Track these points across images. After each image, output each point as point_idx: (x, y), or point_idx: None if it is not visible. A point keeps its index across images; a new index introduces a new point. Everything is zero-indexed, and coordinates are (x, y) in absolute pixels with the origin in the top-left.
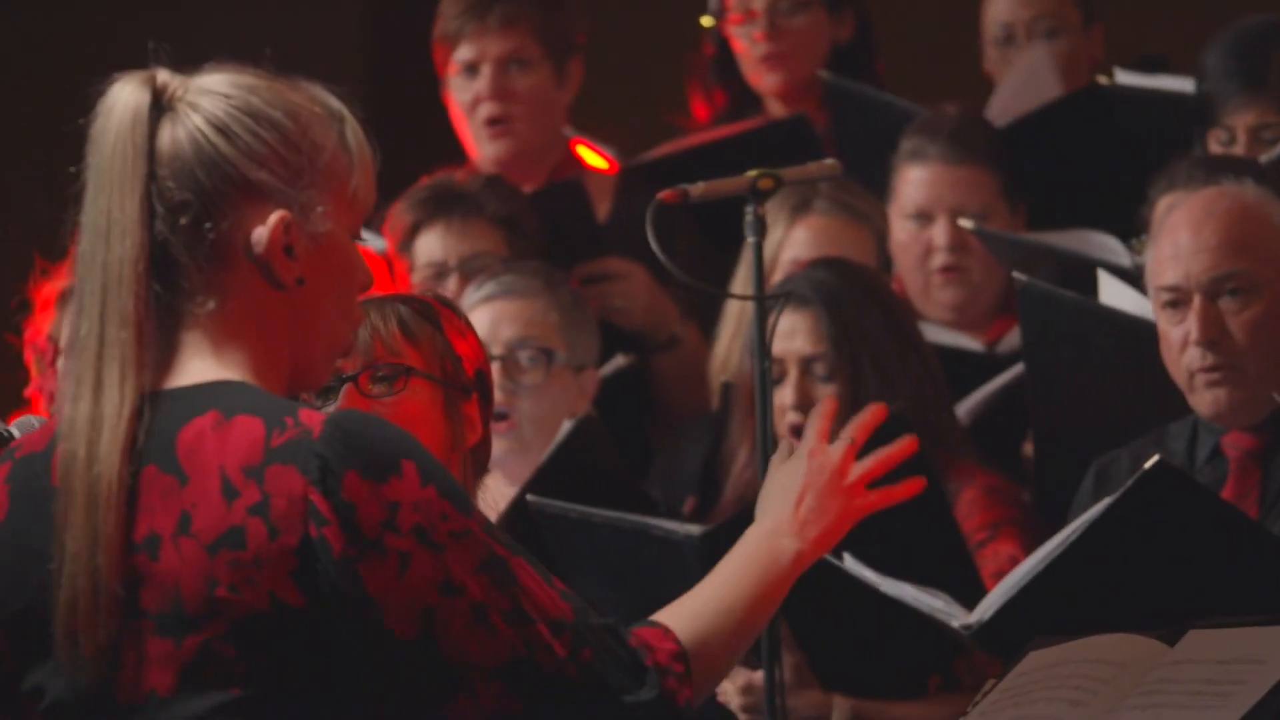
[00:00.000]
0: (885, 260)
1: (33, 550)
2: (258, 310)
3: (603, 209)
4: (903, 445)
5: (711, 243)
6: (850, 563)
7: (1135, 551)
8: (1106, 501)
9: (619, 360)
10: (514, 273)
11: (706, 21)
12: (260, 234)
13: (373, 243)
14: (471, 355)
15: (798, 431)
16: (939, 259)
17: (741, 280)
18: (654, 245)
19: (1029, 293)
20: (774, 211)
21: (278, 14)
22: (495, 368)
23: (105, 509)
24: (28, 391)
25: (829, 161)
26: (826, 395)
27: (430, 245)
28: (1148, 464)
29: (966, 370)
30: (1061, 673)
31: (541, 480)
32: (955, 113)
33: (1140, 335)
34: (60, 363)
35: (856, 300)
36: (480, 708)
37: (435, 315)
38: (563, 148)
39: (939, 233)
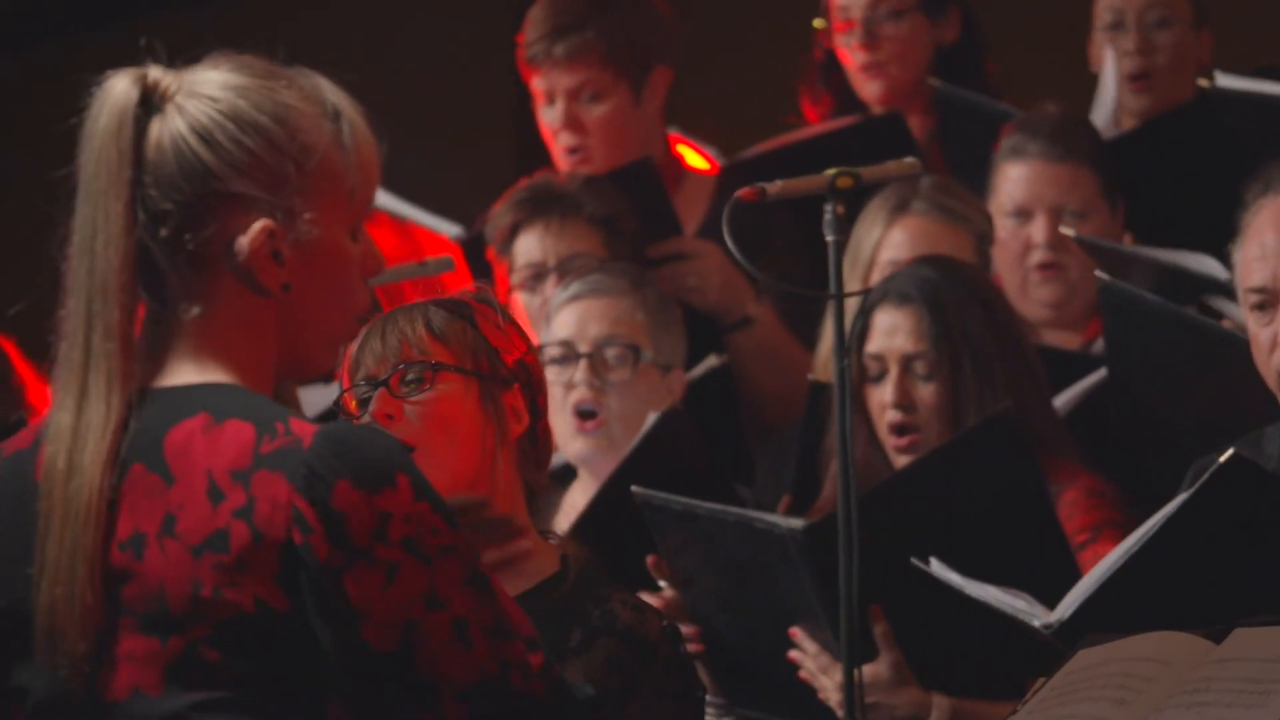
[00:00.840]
0: (986, 262)
1: (17, 549)
2: (244, 316)
3: (702, 207)
4: None
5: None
6: (936, 566)
7: (1213, 546)
8: (1183, 496)
9: (711, 361)
10: (601, 272)
11: (818, 24)
12: (241, 244)
13: (446, 229)
14: (510, 346)
15: (898, 430)
16: (1037, 256)
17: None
18: (730, 244)
19: (1109, 292)
20: (873, 211)
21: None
22: (582, 365)
23: (84, 521)
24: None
25: (909, 160)
26: (928, 393)
27: (529, 246)
28: (1223, 458)
29: (1065, 369)
30: (1107, 671)
31: (626, 473)
32: (1056, 111)
33: (1222, 340)
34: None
35: (959, 298)
36: None
37: (469, 311)
38: (661, 150)
39: (1038, 230)
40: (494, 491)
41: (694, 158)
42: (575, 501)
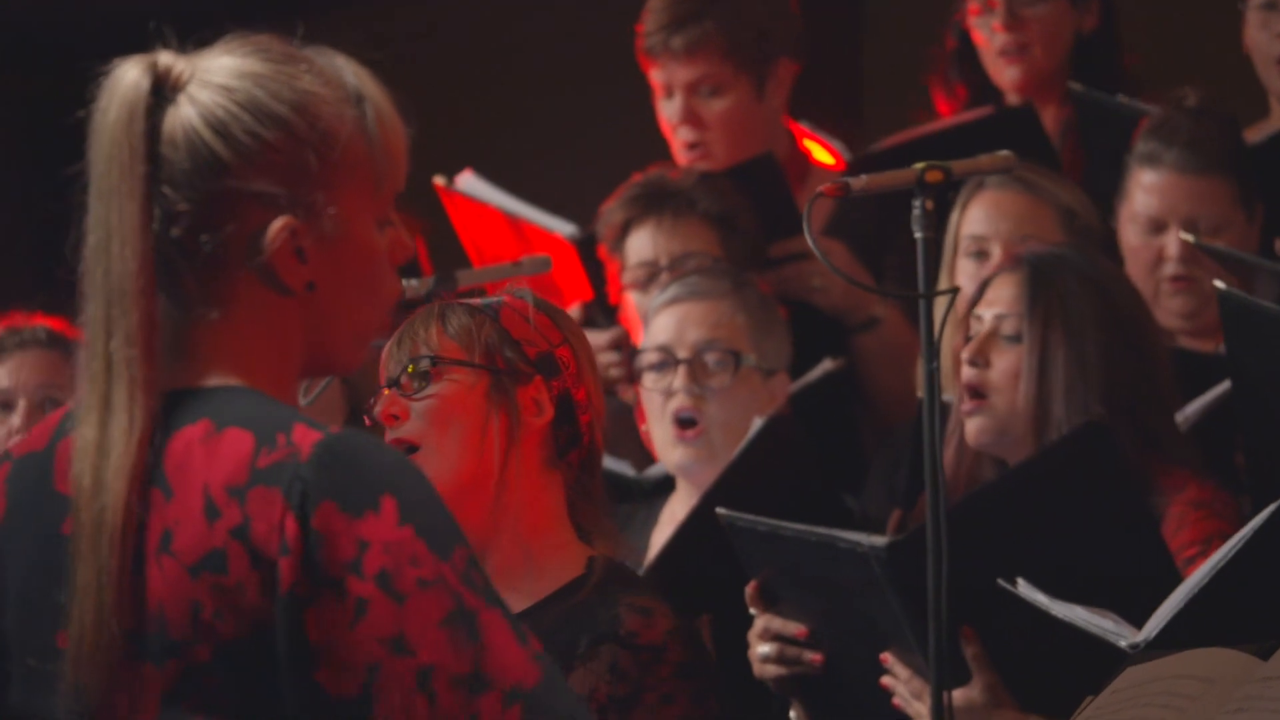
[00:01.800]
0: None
1: (32, 559)
2: (266, 317)
3: (827, 204)
4: None
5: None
6: (1024, 587)
7: None
8: (1269, 510)
9: (826, 364)
10: (700, 274)
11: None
12: (261, 241)
13: (560, 228)
14: (536, 339)
15: (969, 391)
16: (1169, 268)
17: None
18: (809, 239)
19: (1227, 302)
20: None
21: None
22: (681, 371)
23: (110, 542)
24: None
25: (1003, 153)
26: (1008, 357)
27: (641, 244)
28: None
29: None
30: (1152, 689)
31: (728, 483)
32: (1194, 108)
33: None
34: None
35: (1067, 275)
36: None
37: (493, 307)
38: (785, 146)
39: (1171, 242)
40: (504, 484)
41: (821, 153)
42: (675, 512)
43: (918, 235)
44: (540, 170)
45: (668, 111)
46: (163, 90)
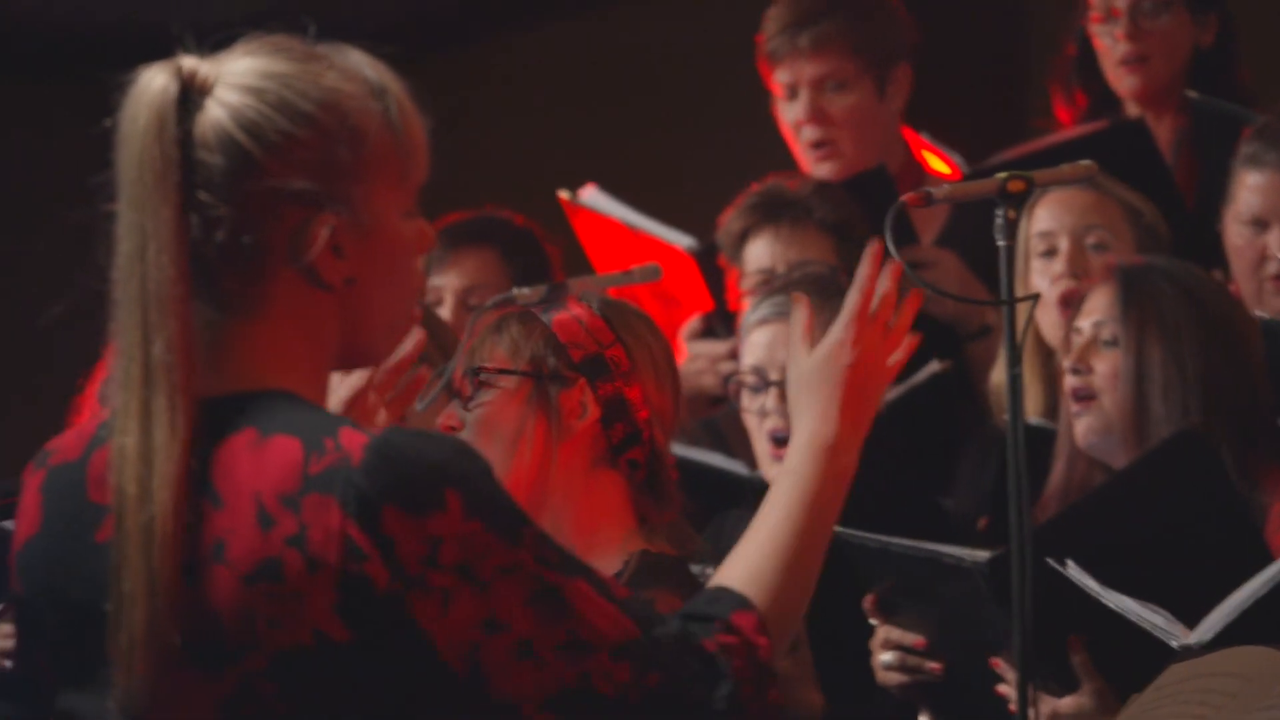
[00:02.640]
0: (1154, 243)
1: (66, 568)
2: (304, 316)
3: (941, 215)
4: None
5: None
6: (1074, 570)
7: None
8: None
9: (933, 366)
10: (785, 292)
11: None
12: (301, 240)
13: (678, 239)
14: (585, 341)
15: (1074, 394)
16: (1273, 267)
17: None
18: (890, 247)
19: None
20: None
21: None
22: (773, 393)
23: (161, 550)
24: None
25: (1085, 163)
26: (1108, 360)
27: (759, 252)
28: None
29: None
30: (1191, 687)
31: None
32: None
33: None
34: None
35: (1159, 279)
36: None
37: (549, 312)
38: (900, 154)
39: (1274, 240)
40: (545, 486)
41: (937, 163)
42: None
43: (1000, 243)
44: (661, 184)
45: (791, 113)
46: (190, 94)
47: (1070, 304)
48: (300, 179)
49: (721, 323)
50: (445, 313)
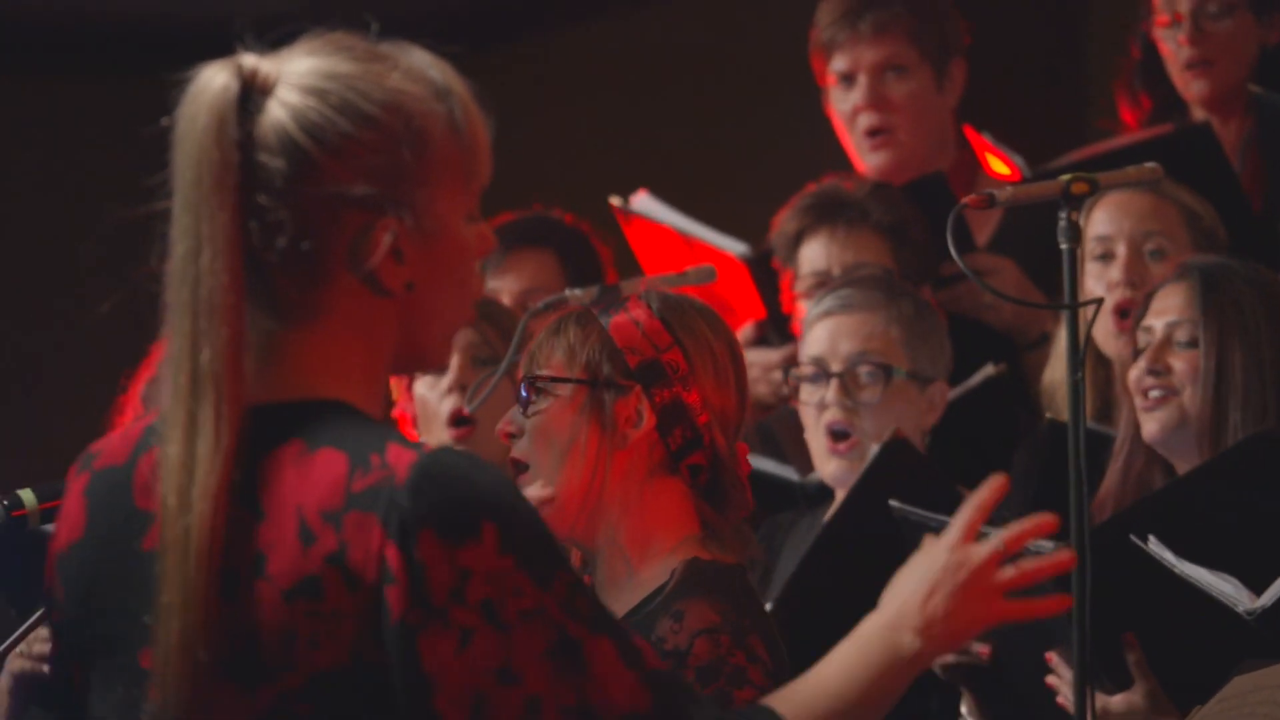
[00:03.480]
0: (1213, 247)
1: (109, 575)
2: (363, 322)
3: (995, 217)
4: (1061, 559)
5: None
6: (1154, 544)
7: None
8: None
9: (988, 369)
10: (853, 286)
11: None
12: (363, 246)
13: (732, 247)
14: (642, 345)
15: (1151, 393)
16: None
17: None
18: (952, 250)
19: None
20: None
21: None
22: (834, 385)
23: (196, 562)
24: (394, 413)
25: (1150, 165)
26: (1186, 359)
27: (814, 254)
28: None
29: None
30: (1256, 699)
31: (849, 511)
32: None
33: None
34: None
35: (1235, 280)
36: None
37: (610, 313)
38: (952, 153)
39: None
40: (602, 496)
41: (999, 166)
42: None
43: (1063, 246)
44: (714, 191)
45: (847, 102)
46: (250, 94)
47: (1126, 313)
48: (362, 183)
49: (775, 330)
50: None
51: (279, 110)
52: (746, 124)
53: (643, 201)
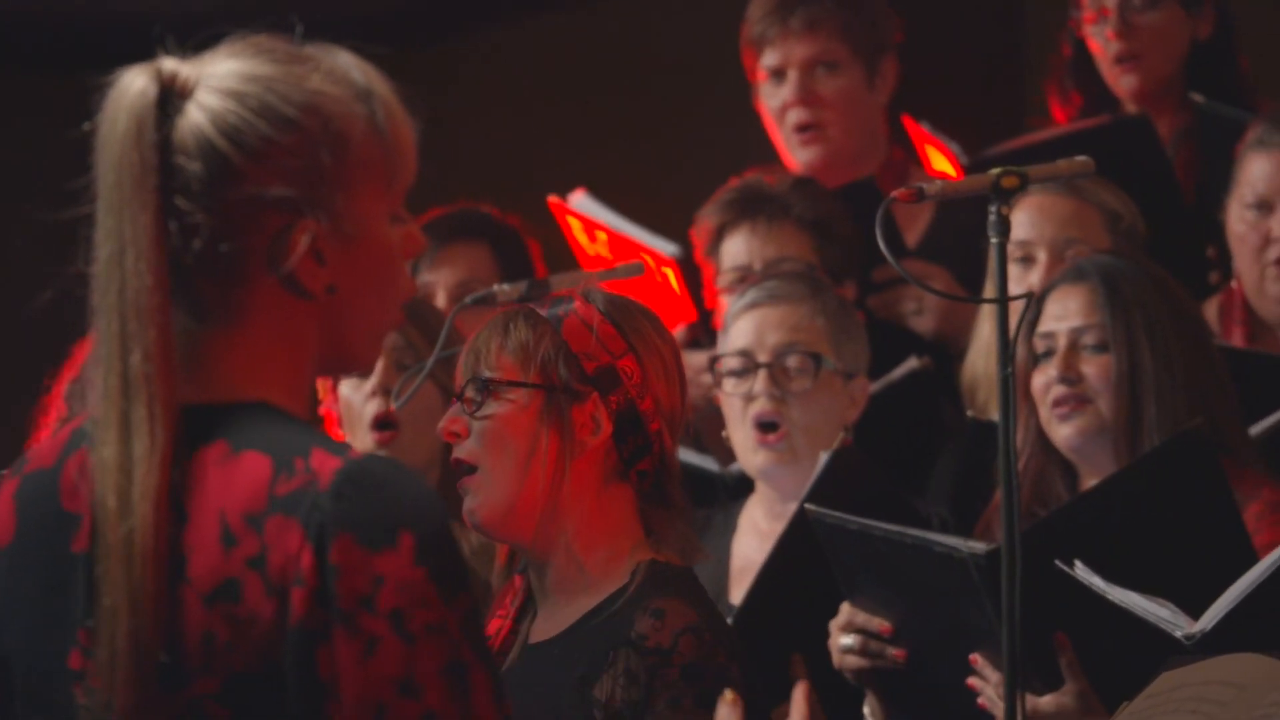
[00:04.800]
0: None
1: (36, 577)
2: (285, 324)
3: (926, 217)
4: None
5: None
6: (1081, 570)
7: None
8: None
9: (911, 363)
10: (779, 279)
11: None
12: (282, 247)
13: (663, 246)
14: (598, 352)
15: (1065, 401)
16: (1276, 250)
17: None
18: (881, 243)
19: None
20: None
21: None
22: (761, 375)
23: (142, 565)
24: (320, 411)
25: (1081, 159)
26: (1098, 365)
27: (735, 248)
28: None
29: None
30: (1182, 695)
31: (802, 523)
32: None
33: None
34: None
35: (1136, 278)
36: None
37: (559, 315)
38: (883, 151)
39: (1278, 223)
40: (557, 504)
41: (937, 157)
42: (754, 518)
43: (993, 240)
44: (648, 190)
45: (777, 98)
46: (170, 98)
47: None
48: (281, 186)
49: (706, 333)
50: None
51: (197, 113)
52: (681, 121)
53: (580, 200)
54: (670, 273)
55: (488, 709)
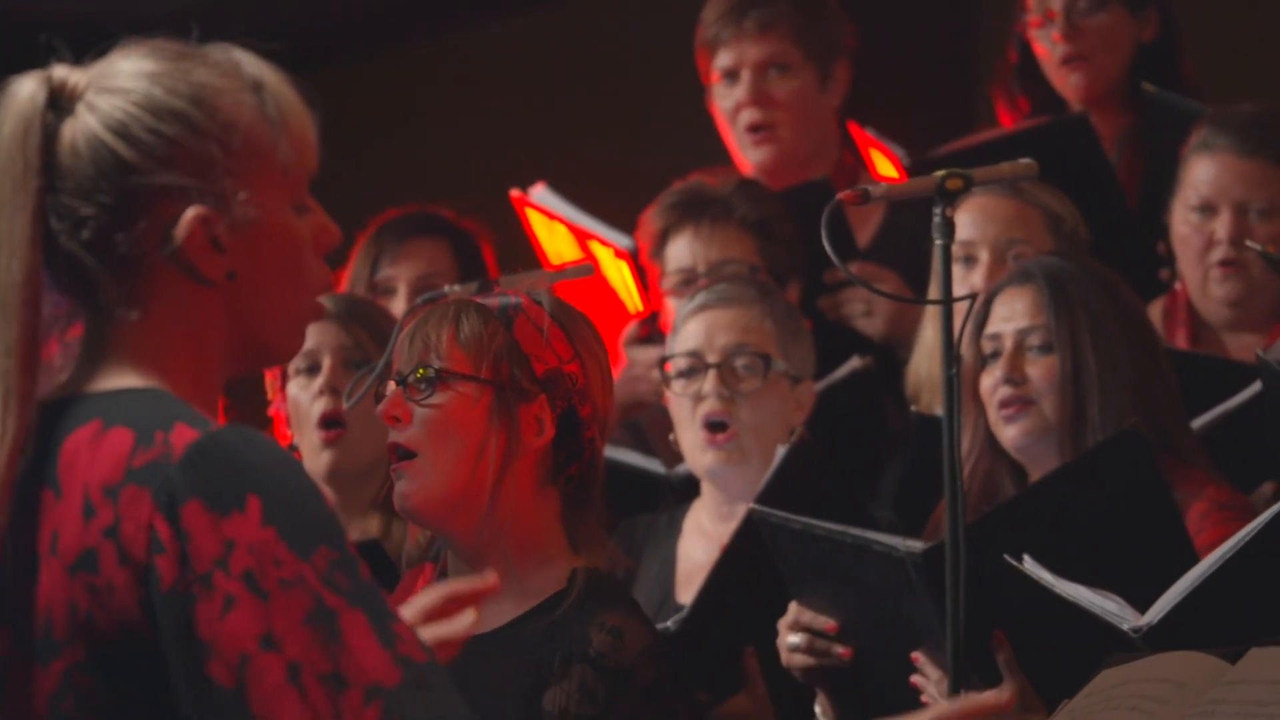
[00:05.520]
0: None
1: None
2: (188, 312)
3: (877, 219)
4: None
5: None
6: (1029, 564)
7: None
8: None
9: (854, 363)
10: (727, 281)
11: None
12: (176, 235)
13: (618, 239)
14: (547, 355)
15: (1010, 403)
16: (1219, 252)
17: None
18: (827, 245)
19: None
20: None
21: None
22: (711, 376)
23: None
24: (270, 412)
25: (1025, 161)
26: (1043, 367)
27: (679, 251)
28: None
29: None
30: (1123, 693)
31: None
32: (1251, 107)
33: None
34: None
35: (1082, 279)
36: None
37: (509, 315)
38: (835, 153)
39: (1221, 226)
40: (496, 502)
41: (883, 162)
42: (700, 520)
43: (937, 241)
44: (606, 187)
45: (730, 99)
46: (59, 102)
47: None
48: (169, 174)
49: (656, 331)
50: (399, 303)
51: (86, 113)
52: (640, 119)
53: (540, 194)
54: (625, 265)
55: (368, 646)
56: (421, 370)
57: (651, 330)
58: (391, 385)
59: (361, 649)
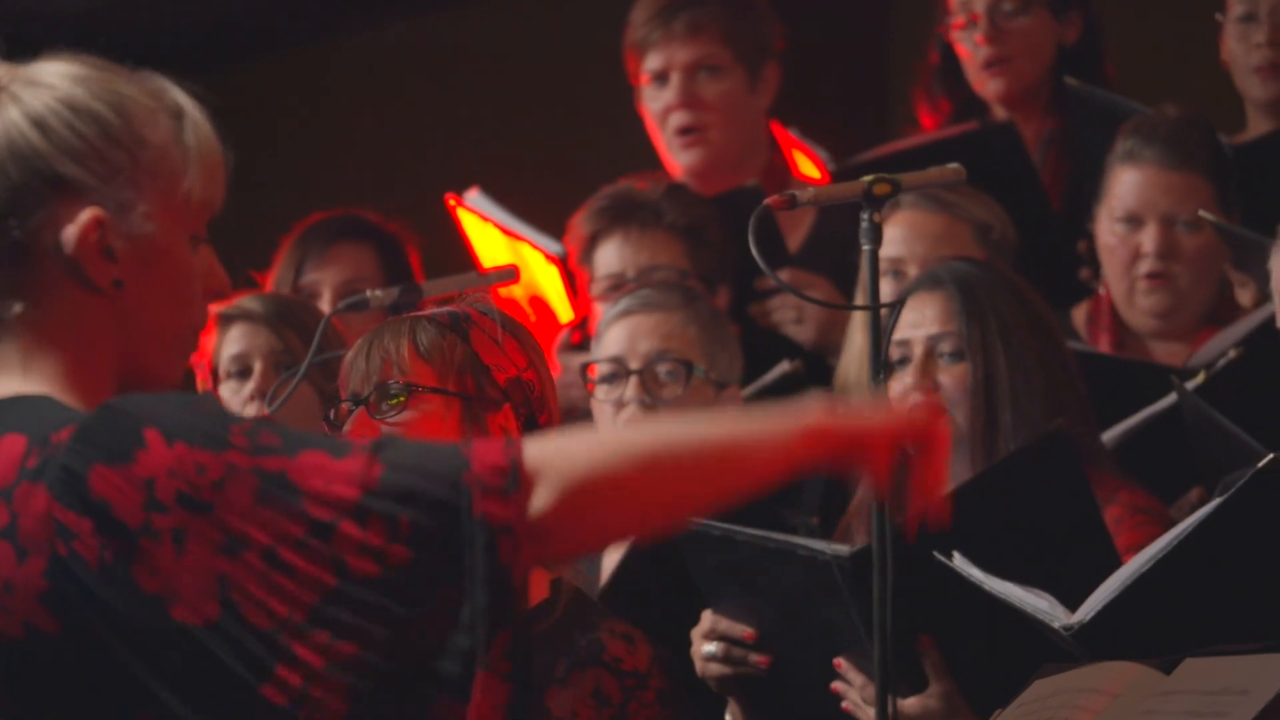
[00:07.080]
0: (1000, 256)
1: None
2: (73, 315)
3: (807, 222)
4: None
5: None
6: (959, 561)
7: (1244, 555)
8: (1215, 502)
9: (784, 366)
10: (651, 287)
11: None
12: (70, 233)
13: (549, 245)
14: (505, 363)
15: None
16: (1145, 265)
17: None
18: (754, 252)
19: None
20: None
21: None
22: (632, 382)
23: None
24: None
25: (953, 166)
26: (954, 374)
27: (608, 256)
28: (1261, 463)
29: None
30: (1056, 703)
31: None
32: (1175, 114)
33: None
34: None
35: (991, 283)
36: (307, 668)
37: (463, 327)
38: (764, 155)
39: (1148, 238)
40: None
41: (807, 165)
42: None
43: (865, 247)
44: (535, 190)
45: (659, 101)
46: None
47: None
48: (75, 169)
49: (585, 337)
50: (324, 308)
51: (10, 105)
52: (570, 121)
53: (474, 198)
54: (555, 271)
55: (325, 477)
56: (384, 388)
57: (584, 336)
58: (347, 407)
59: (322, 485)
